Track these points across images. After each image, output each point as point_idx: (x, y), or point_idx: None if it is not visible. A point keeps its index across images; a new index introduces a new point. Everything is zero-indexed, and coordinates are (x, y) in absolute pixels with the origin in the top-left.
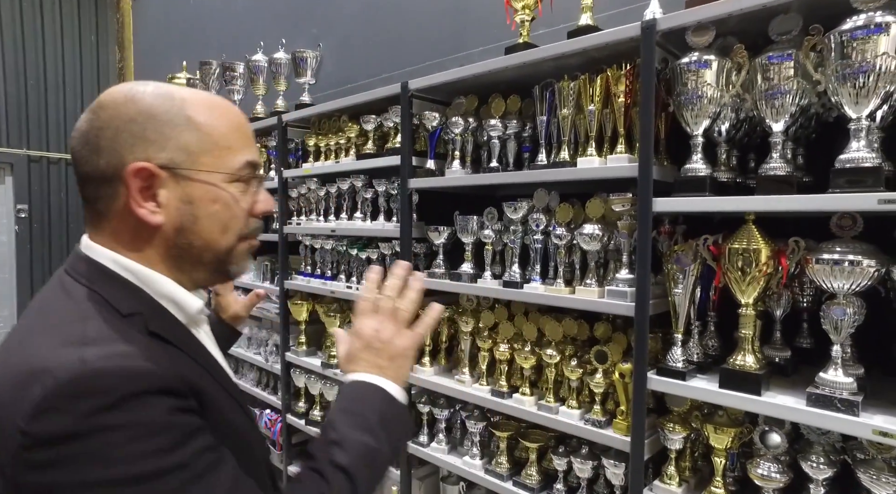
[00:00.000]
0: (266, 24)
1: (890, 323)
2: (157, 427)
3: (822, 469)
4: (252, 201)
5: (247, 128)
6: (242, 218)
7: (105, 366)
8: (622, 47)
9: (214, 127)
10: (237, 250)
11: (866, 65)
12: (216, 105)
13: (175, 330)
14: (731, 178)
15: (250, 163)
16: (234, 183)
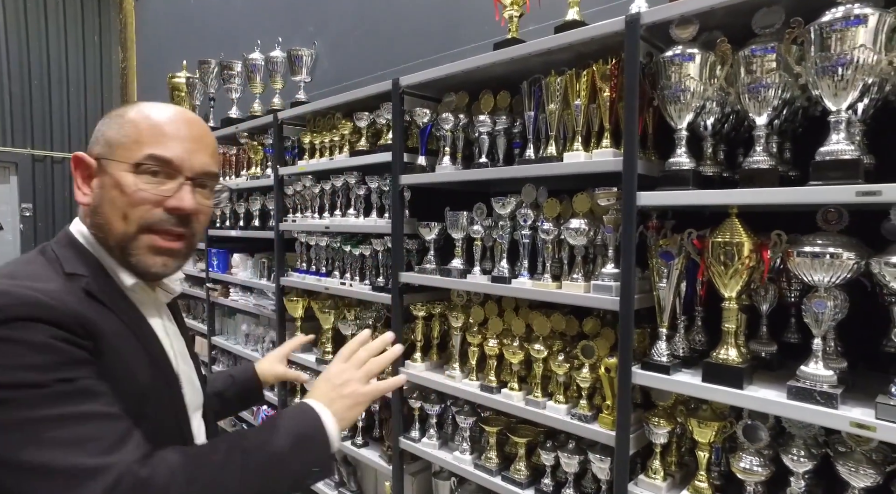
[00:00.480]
0: (264, 22)
1: (876, 317)
2: (38, 347)
3: (802, 463)
4: (163, 195)
5: (170, 128)
6: (143, 207)
7: (8, 290)
8: (609, 42)
9: (135, 123)
10: (138, 242)
11: (845, 57)
12: (155, 108)
13: (111, 294)
14: (717, 172)
15: (153, 157)
16: (141, 174)
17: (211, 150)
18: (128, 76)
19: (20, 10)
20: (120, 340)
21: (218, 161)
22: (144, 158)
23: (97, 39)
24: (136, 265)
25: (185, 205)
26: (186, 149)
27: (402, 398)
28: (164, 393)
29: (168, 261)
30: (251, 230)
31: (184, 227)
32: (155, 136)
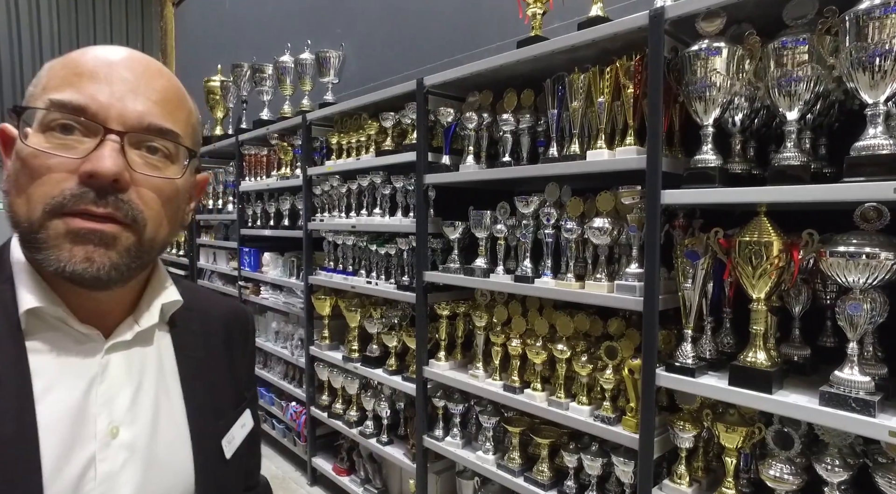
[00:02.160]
0: (294, 25)
1: None
2: None
3: (837, 472)
4: (74, 158)
5: (90, 65)
6: (49, 179)
7: None
8: (633, 38)
9: (51, 67)
10: (47, 230)
11: (883, 46)
12: (90, 48)
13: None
14: (746, 170)
15: (57, 103)
16: (48, 132)
17: (159, 98)
18: None
19: (72, 21)
20: None
21: (183, 119)
22: (46, 107)
23: (140, 47)
24: (46, 263)
25: (100, 167)
26: (113, 92)
27: (426, 397)
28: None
29: (93, 253)
30: (281, 229)
31: (108, 207)
32: (65, 78)
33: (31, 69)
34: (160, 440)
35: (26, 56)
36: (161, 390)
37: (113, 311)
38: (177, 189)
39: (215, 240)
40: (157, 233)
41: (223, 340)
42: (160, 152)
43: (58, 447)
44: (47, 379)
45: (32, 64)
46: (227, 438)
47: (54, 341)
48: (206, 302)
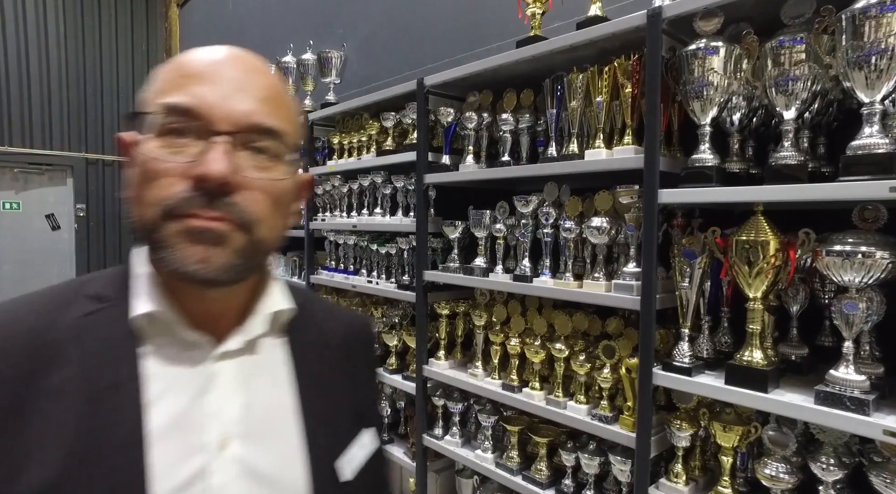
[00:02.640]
0: (296, 25)
1: None
2: None
3: (831, 471)
4: (186, 162)
5: (198, 66)
6: (163, 183)
7: None
8: (632, 37)
9: (162, 71)
10: (165, 230)
11: (879, 45)
12: (196, 49)
13: (104, 334)
14: (744, 169)
15: (168, 107)
16: (163, 137)
17: (264, 95)
18: None
19: (78, 24)
20: (53, 403)
21: (287, 117)
22: (161, 111)
23: (145, 48)
24: (165, 263)
25: (210, 171)
26: (218, 92)
27: (425, 396)
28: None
29: (209, 254)
30: None
31: (218, 210)
32: (174, 81)
33: (37, 71)
34: (273, 455)
35: (33, 56)
36: (274, 403)
37: (224, 317)
38: (283, 189)
39: None
40: (267, 235)
41: (344, 354)
42: (266, 153)
43: (167, 455)
44: (159, 386)
45: (39, 64)
46: (346, 459)
47: (166, 347)
48: (325, 312)
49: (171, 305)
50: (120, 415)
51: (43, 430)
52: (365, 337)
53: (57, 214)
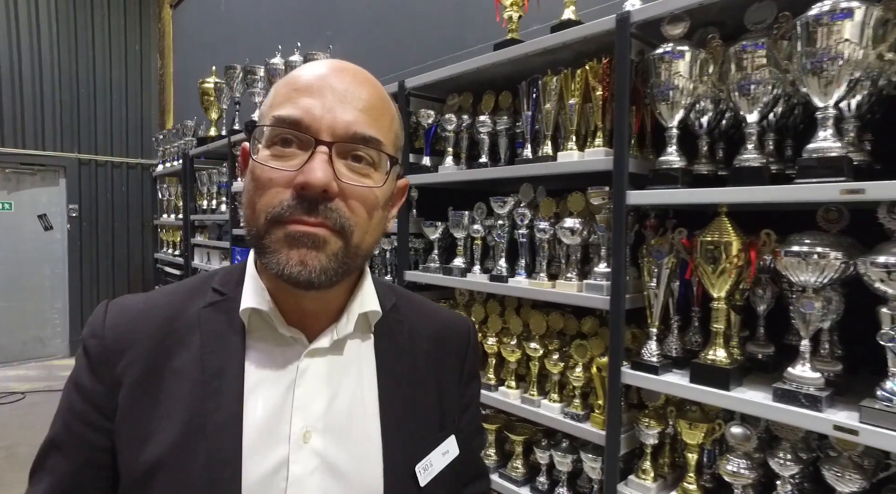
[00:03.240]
0: (285, 27)
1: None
2: (72, 378)
3: (788, 466)
4: (290, 171)
5: (305, 81)
6: (271, 192)
7: (110, 304)
8: (605, 41)
9: (276, 86)
10: (270, 236)
11: (830, 51)
12: (308, 64)
13: (221, 322)
14: (712, 171)
15: (278, 119)
16: (272, 147)
17: (364, 106)
18: (165, 82)
19: (71, 23)
20: (174, 381)
21: (386, 126)
22: (271, 123)
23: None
24: (269, 266)
25: (312, 179)
26: (323, 104)
27: None
28: (188, 472)
29: (306, 256)
30: None
31: (319, 216)
32: (286, 95)
33: (29, 71)
34: (351, 453)
35: (25, 58)
36: (357, 402)
37: (319, 317)
38: (380, 196)
39: (209, 239)
40: (363, 240)
41: (432, 357)
42: (364, 160)
43: (256, 442)
44: (257, 376)
45: (31, 66)
46: (424, 464)
47: (267, 341)
48: (419, 314)
49: (272, 303)
50: (223, 400)
51: (167, 406)
52: (458, 342)
53: (49, 215)
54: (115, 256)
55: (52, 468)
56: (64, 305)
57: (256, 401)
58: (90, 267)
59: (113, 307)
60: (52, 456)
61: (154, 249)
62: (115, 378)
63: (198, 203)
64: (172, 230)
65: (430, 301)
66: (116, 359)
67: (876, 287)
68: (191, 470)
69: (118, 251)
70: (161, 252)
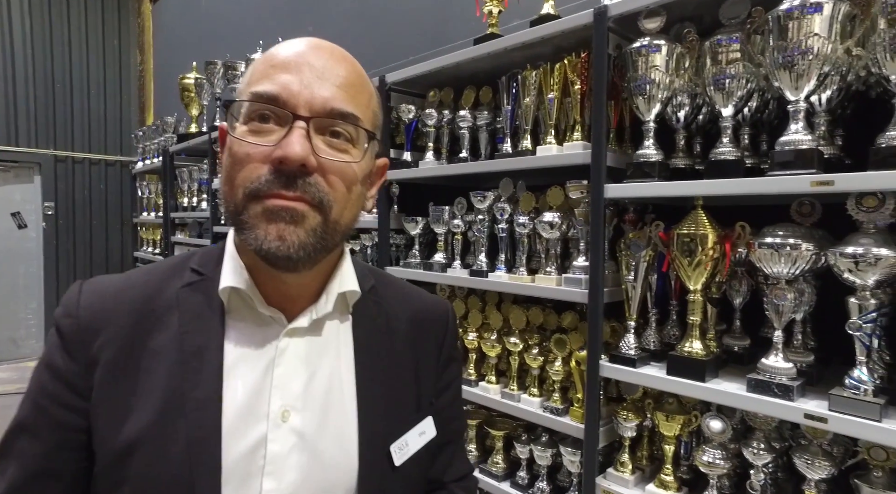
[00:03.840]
0: (267, 21)
1: None
2: (44, 360)
3: (761, 456)
4: (268, 145)
5: (283, 56)
6: (248, 167)
7: (84, 284)
8: (584, 35)
9: (251, 68)
10: (248, 211)
11: (801, 45)
12: (285, 42)
13: (200, 303)
14: (689, 165)
15: (256, 94)
16: (250, 123)
17: (342, 82)
18: (145, 78)
19: (45, 17)
20: (153, 359)
21: (364, 103)
22: (248, 99)
23: (117, 43)
24: (247, 242)
25: (289, 153)
26: (300, 80)
27: None
28: (167, 450)
29: (284, 231)
30: None
31: (297, 191)
32: (264, 71)
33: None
34: (328, 432)
35: None
36: (335, 382)
37: (300, 297)
38: (358, 171)
39: (189, 237)
40: (342, 216)
41: (409, 338)
42: (342, 136)
43: (235, 420)
44: (236, 355)
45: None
46: (399, 443)
47: (246, 320)
48: (398, 297)
49: (252, 283)
50: (202, 378)
51: (145, 385)
52: (436, 324)
53: (23, 212)
54: (92, 255)
55: (21, 452)
56: (39, 305)
57: (236, 380)
58: (66, 267)
59: (88, 286)
60: (20, 440)
61: (133, 248)
62: (91, 357)
63: (178, 200)
64: (152, 228)
65: (409, 284)
66: (92, 338)
67: (845, 277)
68: (170, 448)
69: (96, 250)
70: (141, 250)
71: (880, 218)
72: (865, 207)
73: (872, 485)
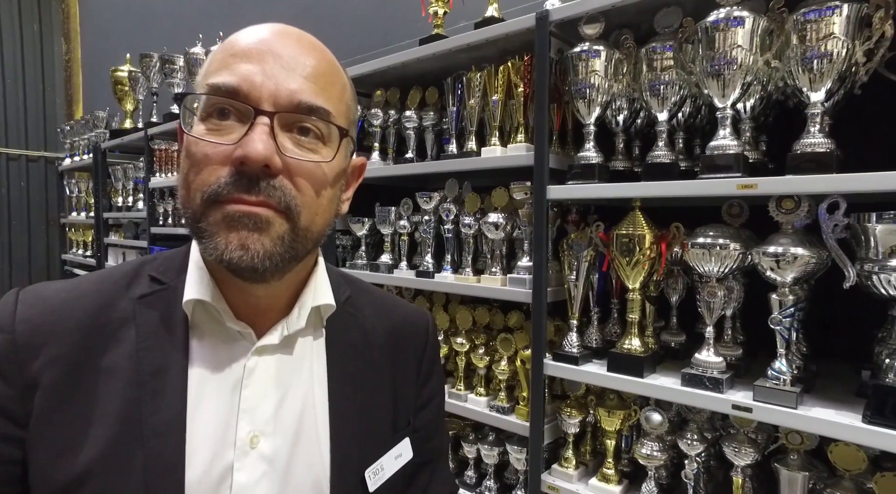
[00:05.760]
0: (208, 15)
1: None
2: None
3: (695, 446)
4: (229, 144)
5: (244, 45)
6: (207, 168)
7: (21, 294)
8: (528, 38)
9: (213, 52)
10: (208, 218)
11: (727, 55)
12: (248, 28)
13: (155, 313)
14: (628, 167)
15: (213, 87)
16: (208, 120)
17: (311, 73)
18: (72, 69)
19: None
20: (107, 379)
21: (336, 96)
22: (204, 91)
23: (37, 29)
24: (207, 252)
25: (251, 152)
26: (264, 71)
27: None
28: (122, 482)
29: (247, 239)
30: None
31: (260, 194)
32: (222, 60)
33: None
34: (299, 458)
35: None
36: (308, 404)
37: (270, 310)
38: (330, 173)
39: (124, 238)
40: (313, 222)
41: (387, 354)
42: (311, 133)
43: (200, 448)
44: (201, 376)
45: None
46: (374, 468)
47: (212, 336)
48: (376, 308)
49: (219, 295)
50: (162, 401)
51: (97, 409)
52: (416, 338)
53: None
54: (12, 258)
55: None
56: None
57: (200, 404)
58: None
59: (26, 296)
60: None
61: (61, 250)
62: (29, 379)
63: (112, 200)
64: (83, 229)
65: (389, 294)
66: (30, 358)
67: (767, 275)
68: (126, 480)
69: (17, 252)
70: (70, 253)
71: (797, 219)
72: (784, 209)
73: (789, 467)
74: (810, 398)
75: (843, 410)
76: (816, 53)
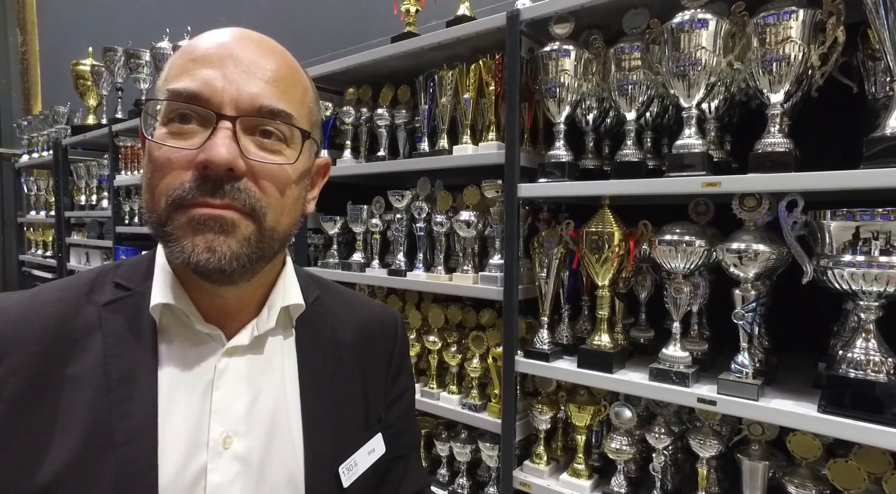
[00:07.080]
0: (175, 9)
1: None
2: None
3: (662, 439)
4: (191, 149)
5: (204, 50)
6: (171, 173)
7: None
8: (500, 37)
9: (169, 62)
10: (173, 222)
11: (691, 56)
12: (207, 33)
13: (122, 319)
14: (598, 166)
15: (174, 92)
16: (164, 126)
17: (271, 77)
18: (29, 61)
19: None
20: (77, 387)
21: (297, 99)
22: (165, 97)
23: None
24: (174, 255)
25: (214, 156)
26: (224, 75)
27: None
28: (92, 489)
29: (213, 242)
30: None
31: (225, 198)
32: (182, 65)
33: None
34: (274, 457)
35: None
36: (280, 402)
37: (239, 312)
38: (294, 174)
39: (88, 238)
40: (279, 222)
41: (357, 352)
42: (274, 135)
43: (172, 451)
44: (172, 379)
45: None
46: (348, 464)
47: (182, 340)
48: (344, 307)
49: (187, 298)
50: (133, 407)
51: (64, 418)
52: (385, 334)
53: None
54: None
55: None
56: None
57: (171, 407)
58: None
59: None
60: None
61: (19, 250)
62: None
63: (74, 198)
64: (42, 228)
65: (356, 293)
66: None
67: (731, 271)
68: (96, 487)
69: (7, 255)
70: (28, 253)
71: (759, 216)
72: (747, 207)
73: (751, 458)
74: (771, 390)
75: (800, 401)
76: (775, 56)
